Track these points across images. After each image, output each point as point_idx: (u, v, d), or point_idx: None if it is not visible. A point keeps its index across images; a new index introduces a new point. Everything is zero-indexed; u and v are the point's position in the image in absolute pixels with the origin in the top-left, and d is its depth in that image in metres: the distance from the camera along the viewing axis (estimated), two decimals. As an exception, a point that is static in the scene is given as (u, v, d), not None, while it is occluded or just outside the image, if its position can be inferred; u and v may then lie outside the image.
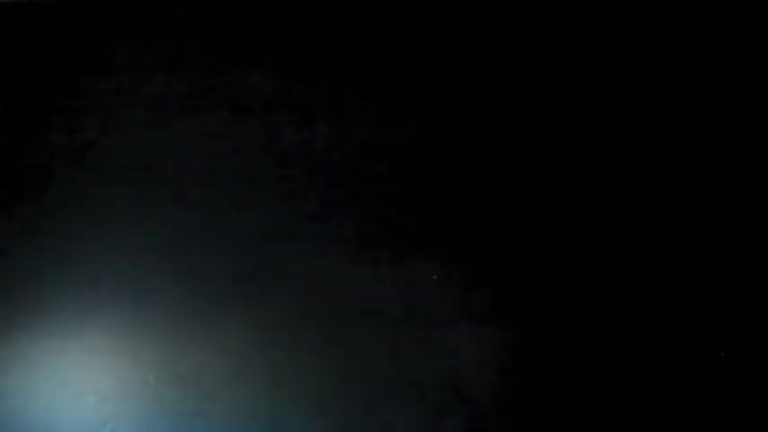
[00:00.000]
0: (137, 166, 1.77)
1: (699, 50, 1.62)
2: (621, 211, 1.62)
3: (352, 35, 1.76)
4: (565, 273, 1.62)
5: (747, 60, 1.60)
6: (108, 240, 1.76)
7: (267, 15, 1.78)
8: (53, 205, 1.80)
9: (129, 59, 1.80)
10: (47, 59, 1.85)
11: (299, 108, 1.73)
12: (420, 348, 1.63)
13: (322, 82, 1.75)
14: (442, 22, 1.73)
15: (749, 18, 1.60)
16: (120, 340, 1.73)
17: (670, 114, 1.64)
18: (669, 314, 1.59)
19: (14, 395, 1.76)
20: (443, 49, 1.71)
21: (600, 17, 1.69)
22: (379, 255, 1.67)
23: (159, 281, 1.73)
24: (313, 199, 1.71)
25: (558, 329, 1.61)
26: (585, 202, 1.64)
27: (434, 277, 1.65)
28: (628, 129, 1.64)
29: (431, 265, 1.65)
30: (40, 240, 1.78)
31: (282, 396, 1.67)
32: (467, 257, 1.65)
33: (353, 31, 1.76)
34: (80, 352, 1.76)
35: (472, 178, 1.67)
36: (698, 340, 1.57)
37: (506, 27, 1.71)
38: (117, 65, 1.81)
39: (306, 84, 1.75)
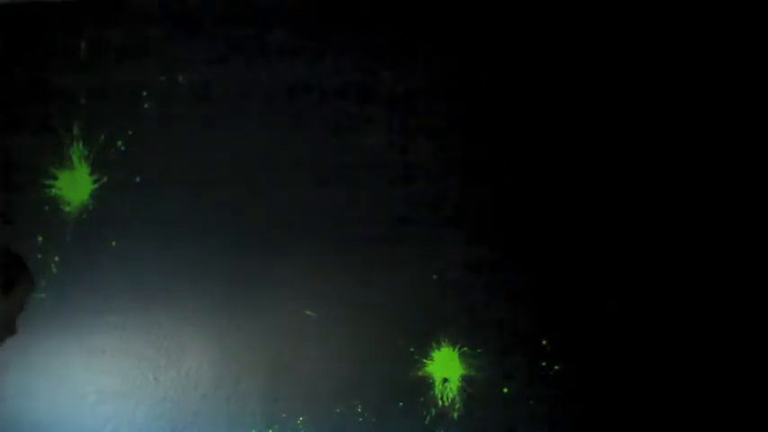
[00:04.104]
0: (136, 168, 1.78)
1: (701, 53, 1.63)
2: (621, 213, 1.63)
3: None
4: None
5: (747, 60, 1.60)
6: (108, 242, 1.76)
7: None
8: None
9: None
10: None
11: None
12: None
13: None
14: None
15: (749, 18, 1.60)
16: (120, 340, 1.73)
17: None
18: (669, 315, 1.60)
19: (15, 396, 1.76)
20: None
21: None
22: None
23: (160, 281, 1.74)
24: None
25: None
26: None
27: (434, 277, 1.65)
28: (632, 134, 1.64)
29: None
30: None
31: (282, 395, 1.68)
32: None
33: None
34: (80, 352, 1.76)
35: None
36: (696, 344, 1.58)
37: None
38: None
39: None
